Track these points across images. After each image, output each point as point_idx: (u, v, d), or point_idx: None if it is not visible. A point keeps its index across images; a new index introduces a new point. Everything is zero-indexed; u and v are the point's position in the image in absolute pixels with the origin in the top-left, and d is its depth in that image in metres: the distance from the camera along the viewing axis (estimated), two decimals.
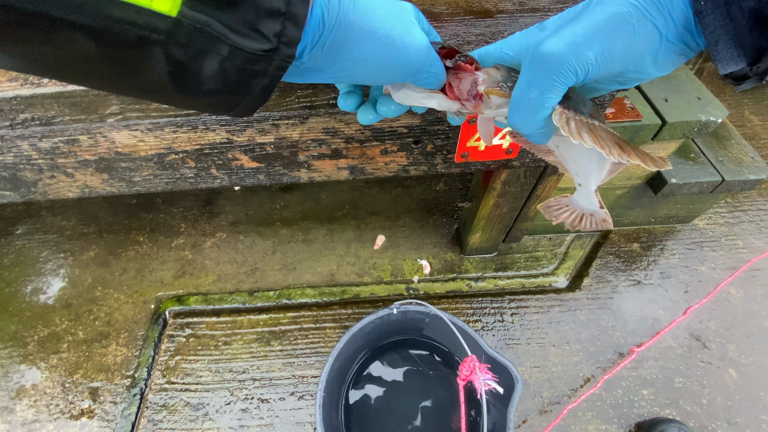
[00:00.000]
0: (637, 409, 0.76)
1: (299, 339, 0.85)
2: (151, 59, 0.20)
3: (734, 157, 0.82)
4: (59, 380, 0.83)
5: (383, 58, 0.26)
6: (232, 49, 0.21)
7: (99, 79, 0.21)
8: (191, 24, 0.19)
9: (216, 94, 0.23)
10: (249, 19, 0.20)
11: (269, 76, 0.23)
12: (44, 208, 1.10)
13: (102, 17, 0.18)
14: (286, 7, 0.21)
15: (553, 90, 0.26)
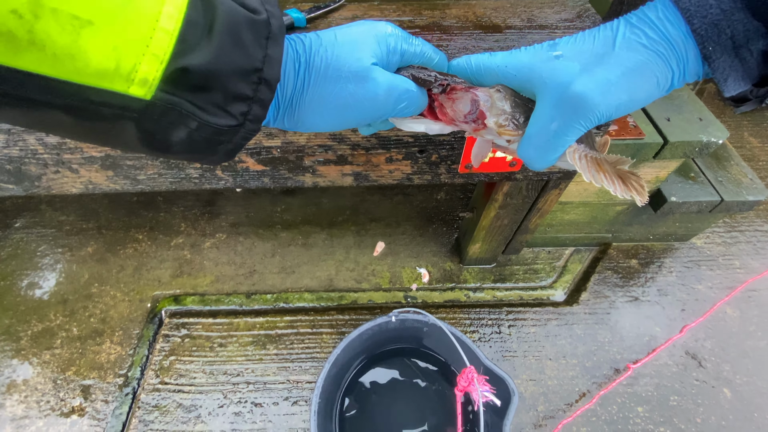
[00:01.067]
0: (632, 426, 0.76)
1: (295, 343, 0.84)
2: (123, 129, 0.22)
3: (733, 178, 0.83)
4: (51, 376, 0.82)
5: (343, 117, 0.28)
6: (200, 124, 0.23)
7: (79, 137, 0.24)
8: (163, 104, 0.21)
9: (184, 153, 0.25)
10: (218, 102, 0.23)
11: (234, 144, 0.25)
12: (44, 202, 1.10)
13: (80, 99, 0.19)
14: (253, 93, 0.23)
15: (576, 132, 0.26)
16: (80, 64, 0.18)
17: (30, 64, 0.17)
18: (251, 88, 0.23)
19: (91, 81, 0.19)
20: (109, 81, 0.19)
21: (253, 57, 0.23)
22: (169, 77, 0.20)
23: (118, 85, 0.19)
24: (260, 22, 0.23)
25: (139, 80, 0.19)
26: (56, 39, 0.17)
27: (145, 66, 0.19)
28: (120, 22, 0.18)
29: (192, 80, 0.21)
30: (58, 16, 0.17)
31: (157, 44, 0.19)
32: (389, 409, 0.74)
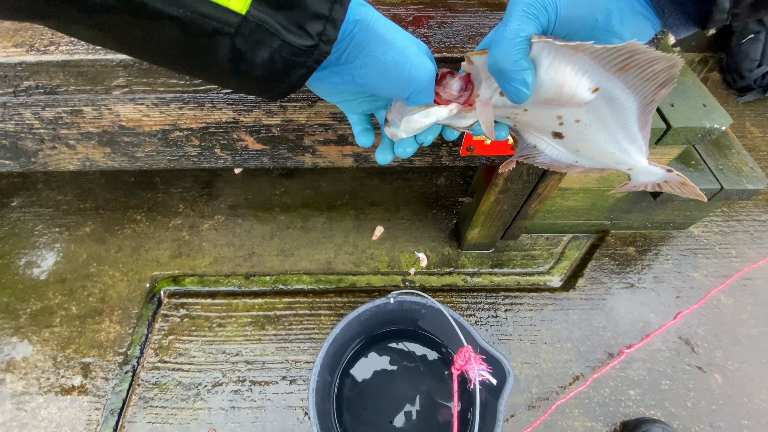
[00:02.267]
0: (624, 409, 0.78)
1: (294, 324, 0.85)
2: (218, 47, 0.25)
3: (734, 167, 0.83)
4: (51, 354, 0.83)
5: (398, 65, 0.30)
6: (282, 43, 0.26)
7: (166, 58, 0.27)
8: (254, 20, 0.24)
9: (261, 79, 0.28)
10: (299, 20, 0.25)
11: (306, 67, 0.28)
12: (41, 182, 1.09)
13: (191, 11, 0.23)
14: (329, 12, 0.26)
15: (526, 22, 0.27)
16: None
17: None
18: (327, 7, 0.26)
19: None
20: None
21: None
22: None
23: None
24: None
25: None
26: None
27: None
28: None
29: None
30: None
31: None
32: (386, 389, 0.75)
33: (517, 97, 0.28)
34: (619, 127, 0.30)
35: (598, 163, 0.35)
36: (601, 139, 0.32)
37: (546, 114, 0.32)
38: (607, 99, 0.28)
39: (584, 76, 0.27)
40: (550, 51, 0.27)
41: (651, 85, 0.27)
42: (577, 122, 0.31)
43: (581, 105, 0.29)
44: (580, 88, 0.27)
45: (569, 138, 0.33)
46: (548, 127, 0.33)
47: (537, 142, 0.36)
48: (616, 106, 0.29)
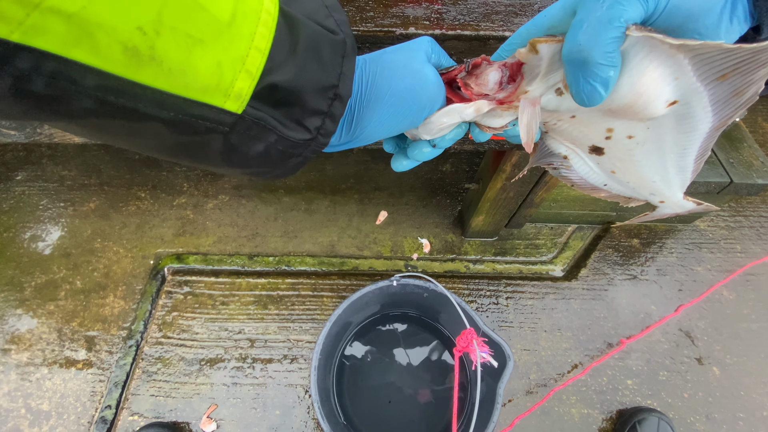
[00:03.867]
0: (620, 397, 0.79)
1: (296, 305, 0.86)
2: (210, 142, 0.23)
3: (745, 160, 0.82)
4: (55, 327, 0.84)
5: (400, 114, 0.29)
6: (279, 138, 0.24)
7: (159, 153, 0.25)
8: (251, 118, 0.23)
9: (256, 167, 0.27)
10: (297, 116, 0.24)
11: (303, 156, 0.27)
12: (45, 156, 1.09)
13: (182, 113, 0.21)
14: (328, 108, 0.25)
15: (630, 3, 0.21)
16: (190, 78, 0.20)
17: (148, 78, 0.19)
18: (327, 103, 0.25)
19: (196, 95, 0.20)
20: (210, 95, 0.21)
21: (331, 74, 0.24)
22: (259, 93, 0.22)
23: (217, 100, 0.21)
24: (338, 41, 0.25)
25: (234, 95, 0.21)
26: (172, 55, 0.19)
27: (240, 82, 0.21)
28: (224, 41, 0.20)
29: (277, 96, 0.23)
30: (175, 34, 0.18)
31: (251, 62, 0.21)
32: (385, 370, 0.76)
33: (588, 99, 0.23)
34: (676, 152, 0.26)
35: (630, 191, 0.30)
36: (649, 163, 0.27)
37: (596, 124, 0.27)
38: (680, 116, 0.24)
39: (669, 85, 0.22)
40: (644, 46, 0.21)
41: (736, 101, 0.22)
42: (629, 138, 0.26)
43: (644, 119, 0.24)
44: (658, 100, 0.22)
45: (610, 156, 0.28)
46: (590, 140, 0.28)
47: (569, 154, 0.30)
48: (687, 125, 0.24)
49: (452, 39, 0.46)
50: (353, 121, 0.28)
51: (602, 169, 0.30)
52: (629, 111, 0.23)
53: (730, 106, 0.22)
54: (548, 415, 0.76)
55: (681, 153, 0.26)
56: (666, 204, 0.30)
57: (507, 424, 0.72)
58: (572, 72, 0.23)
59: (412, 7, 0.47)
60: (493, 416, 0.56)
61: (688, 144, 0.25)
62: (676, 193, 0.28)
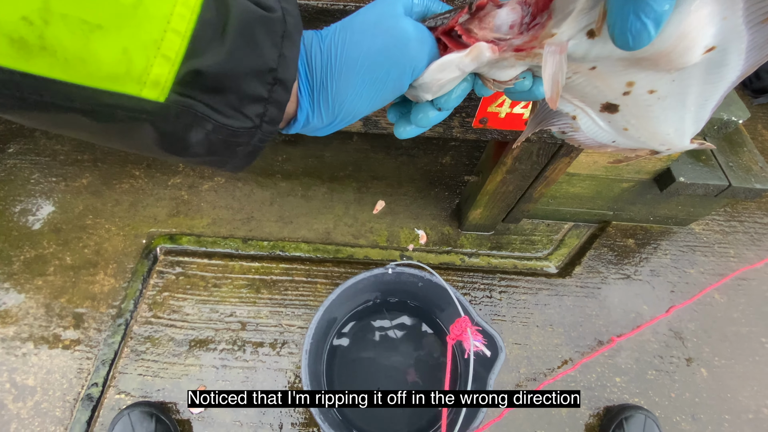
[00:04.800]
0: (608, 394, 0.79)
1: (289, 290, 0.85)
2: (140, 131, 0.21)
3: (744, 164, 0.82)
4: (43, 302, 0.83)
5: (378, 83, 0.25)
6: (217, 126, 0.22)
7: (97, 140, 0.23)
8: (178, 106, 0.21)
9: (204, 155, 0.24)
10: (233, 103, 0.22)
11: (252, 146, 0.25)
12: (38, 130, 1.06)
13: (95, 103, 0.19)
14: (268, 94, 0.23)
15: None
16: (92, 67, 0.18)
17: (43, 69, 0.17)
18: (266, 89, 0.23)
19: (104, 84, 0.19)
20: (121, 84, 0.19)
21: (267, 57, 0.22)
22: (182, 79, 0.20)
23: (130, 88, 0.19)
24: (275, 20, 0.22)
25: (151, 82, 0.19)
26: (66, 44, 0.17)
27: (156, 68, 0.19)
28: (129, 25, 0.18)
29: (205, 82, 0.21)
30: (67, 21, 0.17)
31: (168, 46, 0.19)
32: (376, 357, 0.75)
33: (634, 40, 0.19)
34: (698, 104, 0.23)
35: (639, 144, 0.28)
36: (666, 118, 0.24)
37: (616, 77, 0.23)
38: (712, 65, 0.21)
39: (715, 26, 0.19)
40: None
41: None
42: (650, 94, 0.23)
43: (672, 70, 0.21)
44: (699, 45, 0.20)
45: (625, 113, 0.25)
46: (604, 97, 0.25)
47: (578, 113, 0.27)
48: (717, 75, 0.21)
49: None
50: (329, 99, 0.26)
51: (613, 128, 0.27)
52: (662, 59, 0.21)
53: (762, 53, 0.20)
54: (536, 409, 0.76)
55: (702, 105, 0.23)
56: (670, 150, 0.28)
57: (496, 415, 0.72)
58: (619, 7, 0.19)
59: None
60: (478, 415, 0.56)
61: (712, 95, 0.23)
62: (685, 141, 0.26)
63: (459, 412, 0.53)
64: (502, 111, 0.55)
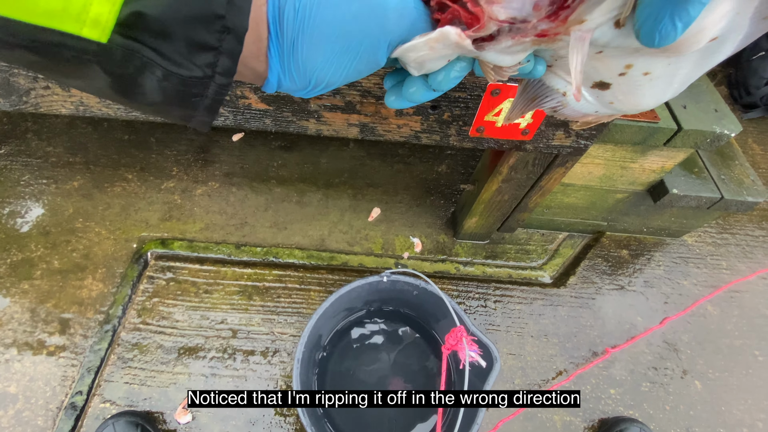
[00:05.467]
0: (603, 407, 0.78)
1: (282, 297, 0.84)
2: (90, 72, 0.21)
3: (736, 177, 0.83)
4: (29, 307, 0.80)
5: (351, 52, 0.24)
6: (167, 73, 0.22)
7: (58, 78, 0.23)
8: (122, 49, 0.20)
9: (162, 104, 0.24)
10: (181, 50, 0.21)
11: (209, 98, 0.24)
12: (30, 131, 1.05)
13: (36, 41, 0.19)
14: (218, 42, 0.22)
15: None
16: (29, 3, 0.18)
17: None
18: (215, 38, 0.22)
19: (42, 21, 0.18)
20: (59, 21, 0.18)
21: (214, 3, 0.21)
22: (125, 21, 0.20)
23: (69, 26, 0.19)
24: None
25: (91, 21, 0.19)
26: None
27: (96, 7, 0.19)
28: None
29: (150, 25, 0.20)
30: None
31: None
32: (370, 366, 0.74)
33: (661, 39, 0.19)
34: (682, 82, 0.24)
35: (617, 113, 0.28)
36: (652, 94, 0.25)
37: (618, 60, 0.23)
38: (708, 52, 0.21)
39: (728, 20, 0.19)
40: None
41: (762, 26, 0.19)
42: (644, 75, 0.23)
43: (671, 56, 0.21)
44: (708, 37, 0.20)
45: (615, 90, 0.25)
46: (600, 76, 0.25)
47: (567, 89, 0.27)
48: (709, 61, 0.22)
49: None
50: (299, 63, 0.25)
51: (600, 102, 0.27)
52: (672, 49, 0.20)
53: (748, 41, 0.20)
54: (531, 421, 0.75)
55: (684, 82, 0.24)
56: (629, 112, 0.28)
57: (491, 426, 0.71)
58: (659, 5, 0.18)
59: None
60: (477, 418, 0.55)
61: (696, 75, 0.23)
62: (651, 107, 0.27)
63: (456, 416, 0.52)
64: (498, 120, 0.55)
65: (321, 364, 0.73)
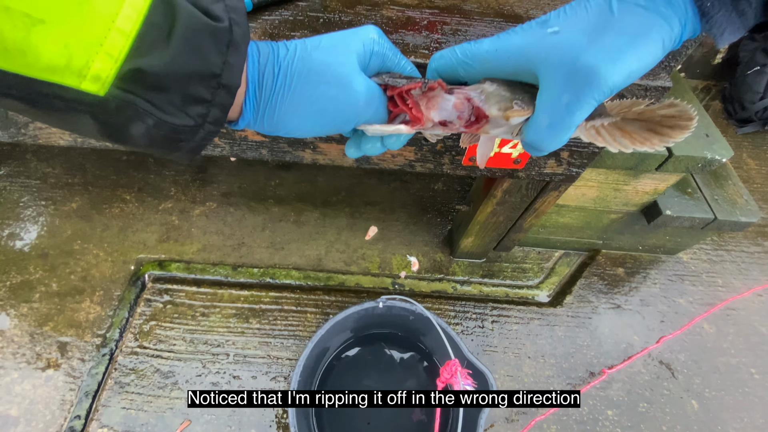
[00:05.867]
0: (600, 428, 0.78)
1: (278, 320, 0.84)
2: (80, 120, 0.22)
3: (729, 198, 0.84)
4: (28, 329, 0.81)
5: (323, 122, 0.28)
6: (158, 121, 0.23)
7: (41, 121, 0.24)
8: (118, 101, 0.21)
9: (148, 147, 0.25)
10: (175, 103, 0.23)
11: (195, 142, 0.26)
12: (30, 152, 1.06)
13: (31, 91, 0.20)
14: (212, 96, 0.24)
15: (589, 107, 0.24)
16: (31, 59, 0.19)
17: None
18: (209, 92, 0.24)
19: (42, 75, 0.19)
20: (59, 76, 0.19)
21: (211, 63, 0.23)
22: (125, 76, 0.21)
23: (69, 80, 0.20)
24: (221, 30, 0.23)
25: (92, 77, 0.20)
26: (7, 35, 0.18)
27: (98, 64, 0.20)
28: (72, 22, 0.19)
29: (148, 80, 0.21)
30: (10, 14, 0.18)
31: (112, 44, 0.20)
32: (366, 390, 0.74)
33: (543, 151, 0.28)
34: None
35: None
36: None
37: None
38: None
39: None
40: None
41: None
42: None
43: None
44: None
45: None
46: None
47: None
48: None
49: None
50: (273, 118, 0.28)
51: None
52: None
53: None
54: None
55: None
56: None
57: None
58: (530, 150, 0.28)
59: (412, 34, 0.47)
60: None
61: None
62: None
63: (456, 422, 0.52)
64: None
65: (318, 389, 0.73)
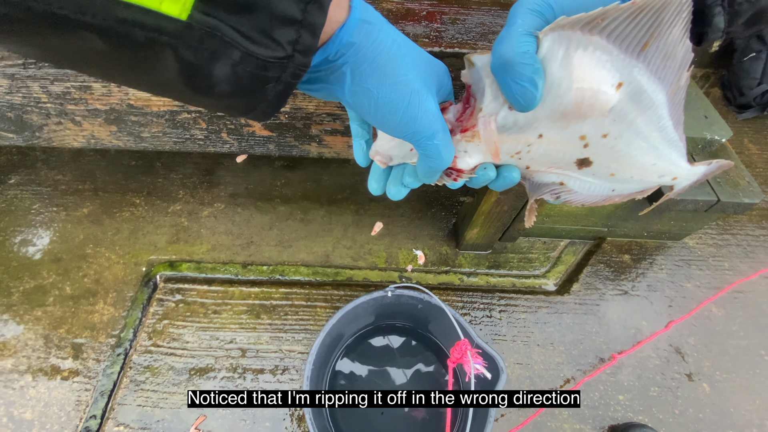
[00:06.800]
0: (612, 413, 0.79)
1: (289, 315, 0.85)
2: (161, 59, 0.20)
3: (731, 180, 0.84)
4: (42, 333, 0.82)
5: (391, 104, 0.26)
6: (244, 55, 0.21)
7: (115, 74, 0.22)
8: (201, 27, 0.19)
9: (230, 96, 0.23)
10: (262, 26, 0.20)
11: (283, 83, 0.23)
12: (39, 160, 1.08)
13: (108, 18, 0.17)
14: (302, 15, 0.21)
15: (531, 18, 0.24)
16: None
17: None
18: (299, 8, 0.20)
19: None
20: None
21: None
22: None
23: (148, 0, 0.18)
24: None
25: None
26: None
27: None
28: None
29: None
30: None
31: None
32: (378, 379, 0.75)
33: (524, 100, 0.24)
34: (653, 129, 0.26)
35: (639, 183, 0.29)
36: (637, 150, 0.26)
37: (566, 136, 0.26)
38: (633, 95, 0.24)
39: (604, 68, 0.22)
40: (561, 42, 0.23)
41: (672, 64, 0.23)
42: (604, 137, 0.26)
43: (605, 113, 0.24)
44: (603, 85, 0.23)
45: (599, 161, 0.28)
46: (571, 155, 0.28)
47: (563, 179, 0.30)
48: (644, 102, 0.24)
49: (450, 56, 0.47)
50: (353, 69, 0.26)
51: (600, 178, 0.29)
52: (585, 107, 0.24)
53: (670, 70, 0.23)
54: (540, 430, 0.75)
55: (658, 127, 0.26)
56: (680, 178, 0.29)
57: None
58: (502, 80, 0.25)
59: (412, 24, 0.49)
60: (485, 430, 0.56)
61: (658, 117, 0.25)
62: (681, 164, 0.28)
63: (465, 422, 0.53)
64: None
65: (330, 381, 0.74)
